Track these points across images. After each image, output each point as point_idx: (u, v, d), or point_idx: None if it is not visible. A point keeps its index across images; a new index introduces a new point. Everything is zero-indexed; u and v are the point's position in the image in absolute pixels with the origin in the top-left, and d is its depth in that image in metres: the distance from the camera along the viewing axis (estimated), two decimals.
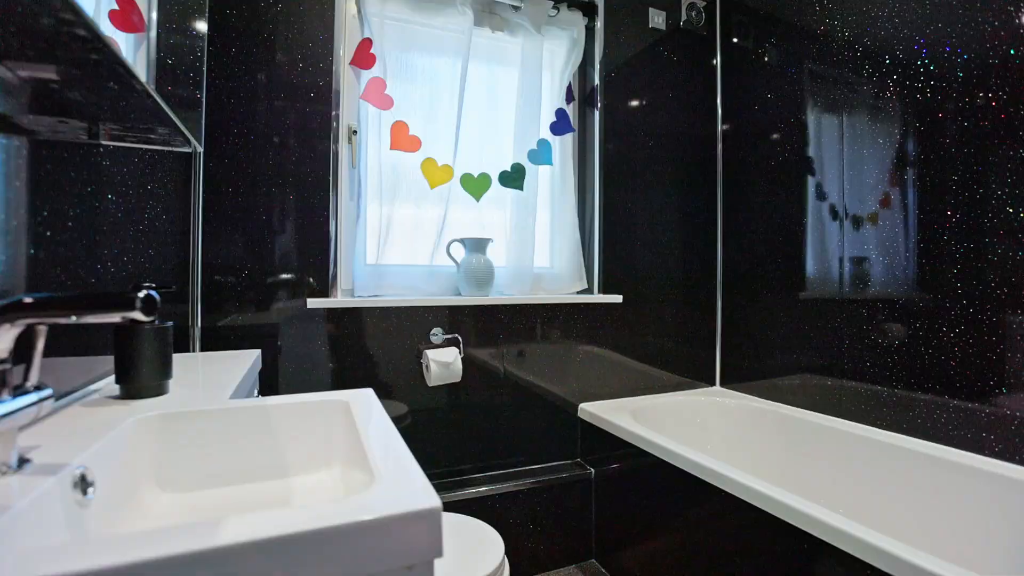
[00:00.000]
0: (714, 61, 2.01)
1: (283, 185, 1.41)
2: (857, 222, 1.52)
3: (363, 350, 1.50)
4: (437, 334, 1.56)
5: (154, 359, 0.66)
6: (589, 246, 1.83)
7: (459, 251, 1.64)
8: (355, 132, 1.54)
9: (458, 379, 1.51)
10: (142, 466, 0.56)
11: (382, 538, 0.33)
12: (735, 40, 1.95)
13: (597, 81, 1.81)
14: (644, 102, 1.87)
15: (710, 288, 2.00)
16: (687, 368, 1.95)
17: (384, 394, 1.53)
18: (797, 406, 1.69)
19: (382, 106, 1.53)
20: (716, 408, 1.83)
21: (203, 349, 1.35)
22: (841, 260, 1.57)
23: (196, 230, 1.33)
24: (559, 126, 1.76)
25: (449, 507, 1.49)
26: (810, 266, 1.66)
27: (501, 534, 1.55)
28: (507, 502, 1.56)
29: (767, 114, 1.81)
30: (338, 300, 1.43)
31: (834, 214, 1.60)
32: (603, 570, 1.63)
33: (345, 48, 1.53)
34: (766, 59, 1.81)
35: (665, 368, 1.91)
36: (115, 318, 0.39)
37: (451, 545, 1.06)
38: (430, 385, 1.50)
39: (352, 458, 0.57)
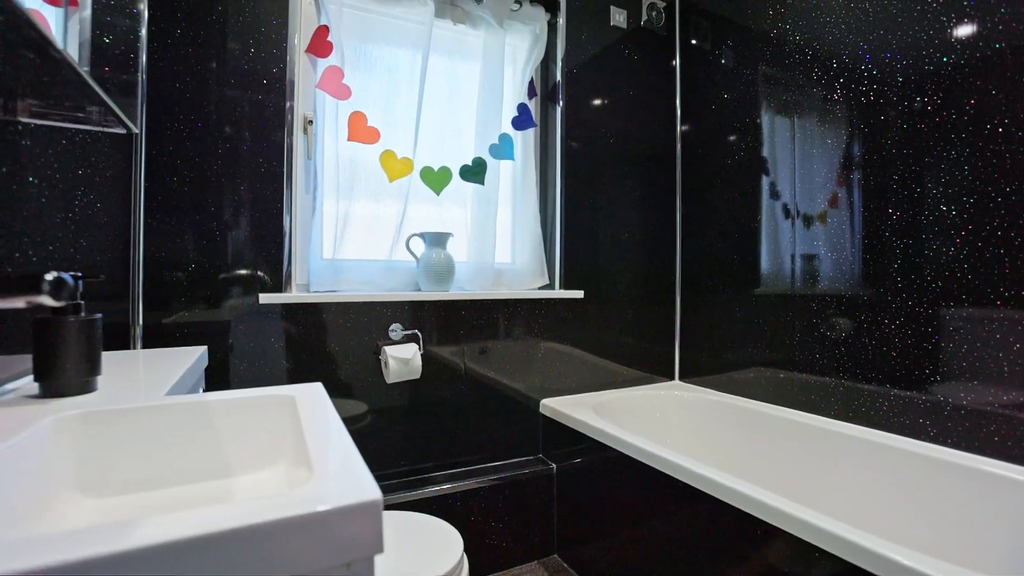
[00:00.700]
0: (673, 62, 2.05)
1: (234, 176, 1.35)
2: (808, 220, 1.58)
3: (320, 347, 1.45)
4: (396, 330, 1.52)
5: (78, 354, 0.61)
6: (551, 242, 1.84)
7: (419, 246, 1.61)
8: (311, 122, 1.49)
9: (418, 376, 1.49)
10: (61, 470, 0.51)
11: (315, 535, 0.31)
12: (693, 42, 1.99)
13: (559, 77, 1.81)
14: (606, 100, 1.89)
15: (669, 284, 2.04)
16: (647, 363, 1.98)
17: (343, 392, 1.48)
18: (752, 398, 1.74)
19: (339, 96, 1.49)
20: (675, 401, 1.86)
21: (147, 347, 1.27)
22: (793, 257, 1.63)
23: (137, 221, 1.25)
24: (521, 121, 1.76)
25: (409, 506, 1.46)
26: (764, 263, 1.72)
27: (462, 532, 1.53)
28: (468, 500, 1.54)
29: (724, 115, 1.86)
30: (292, 296, 1.38)
31: (786, 213, 1.65)
32: (565, 565, 1.63)
33: (301, 35, 1.47)
34: (723, 61, 1.86)
35: (626, 363, 1.93)
36: (19, 303, 0.35)
37: (409, 545, 1.03)
38: (389, 382, 1.47)
39: (299, 455, 0.55)
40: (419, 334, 1.56)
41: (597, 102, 1.87)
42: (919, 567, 0.75)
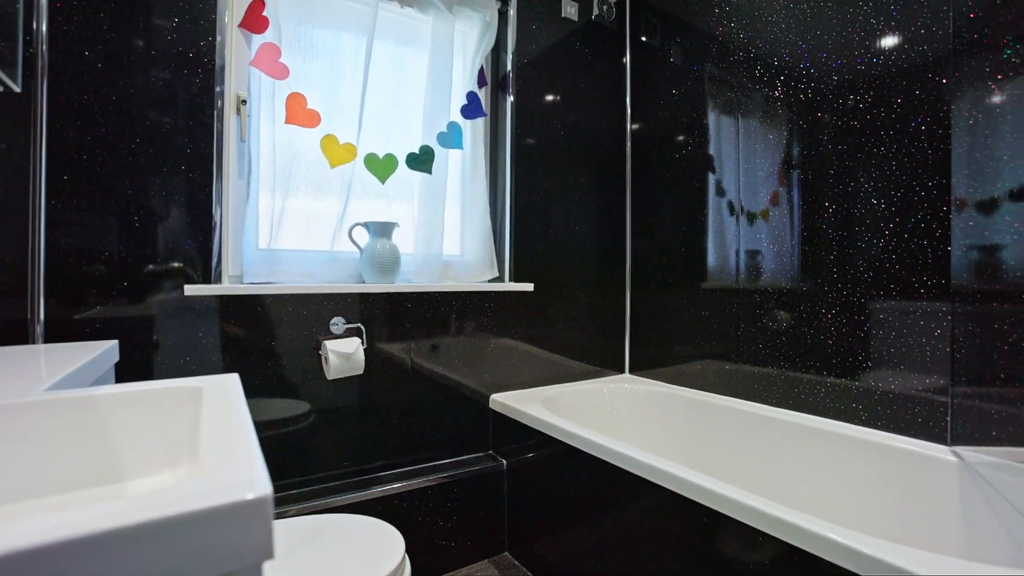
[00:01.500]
0: (624, 59, 2.07)
1: (157, 158, 1.24)
2: (751, 218, 1.62)
3: (257, 343, 1.36)
4: (338, 324, 1.45)
5: None
6: (500, 234, 1.80)
7: (362, 236, 1.54)
8: (244, 102, 1.39)
9: (360, 371, 1.42)
10: None
11: (185, 540, 0.26)
12: (643, 39, 2.01)
13: (510, 67, 1.78)
14: (558, 93, 1.87)
15: (619, 279, 2.05)
16: (597, 356, 1.99)
17: (283, 391, 1.39)
18: (700, 389, 1.77)
19: (276, 75, 1.40)
20: (625, 394, 1.87)
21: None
22: (737, 253, 1.66)
23: (37, 204, 1.12)
24: (470, 110, 1.71)
25: (353, 509, 1.39)
26: (711, 259, 1.75)
27: (409, 533, 1.47)
28: (415, 499, 1.49)
29: (673, 112, 1.88)
30: (222, 287, 1.28)
31: (731, 210, 1.69)
32: (516, 562, 1.60)
33: (233, 7, 1.37)
34: (672, 59, 1.88)
35: (576, 357, 1.93)
36: None
37: (347, 549, 0.97)
38: (329, 378, 1.39)
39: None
40: (362, 328, 1.49)
41: (548, 95, 1.86)
42: (852, 544, 0.76)
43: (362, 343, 1.47)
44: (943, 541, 1.11)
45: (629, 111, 2.06)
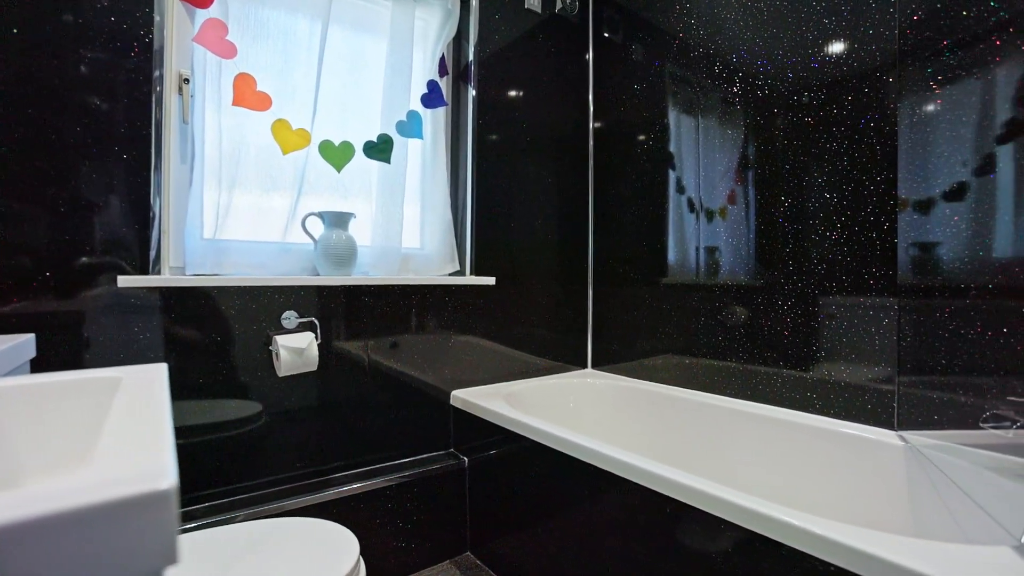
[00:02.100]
0: (587, 56, 2.06)
1: (87, 140, 1.14)
2: (710, 215, 1.64)
3: (202, 341, 1.27)
4: (290, 318, 1.37)
5: None
6: (461, 226, 1.77)
7: (317, 226, 1.47)
8: (186, 81, 1.30)
9: (314, 367, 1.35)
10: None
11: (53, 547, 0.22)
12: (606, 35, 2.02)
13: (472, 57, 1.75)
14: (521, 88, 1.85)
15: (582, 273, 2.05)
16: (560, 352, 1.98)
17: (232, 391, 1.31)
18: (662, 383, 1.78)
19: (222, 54, 1.31)
20: (588, 389, 1.87)
21: None
22: (697, 249, 1.68)
23: None
24: (431, 98, 1.67)
25: (307, 512, 1.33)
26: (671, 255, 1.77)
27: (367, 535, 1.42)
28: (374, 500, 1.43)
29: (635, 108, 1.89)
30: (160, 279, 1.19)
31: (691, 207, 1.71)
32: (479, 562, 1.57)
33: None
34: (633, 56, 1.89)
35: (538, 353, 1.91)
36: None
37: (298, 554, 0.92)
38: (281, 375, 1.32)
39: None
40: (316, 323, 1.42)
41: (511, 88, 1.83)
42: (809, 527, 0.77)
43: (316, 338, 1.41)
44: (892, 520, 1.15)
45: (592, 107, 2.06)
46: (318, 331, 1.42)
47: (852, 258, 1.28)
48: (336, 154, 1.49)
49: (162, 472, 0.25)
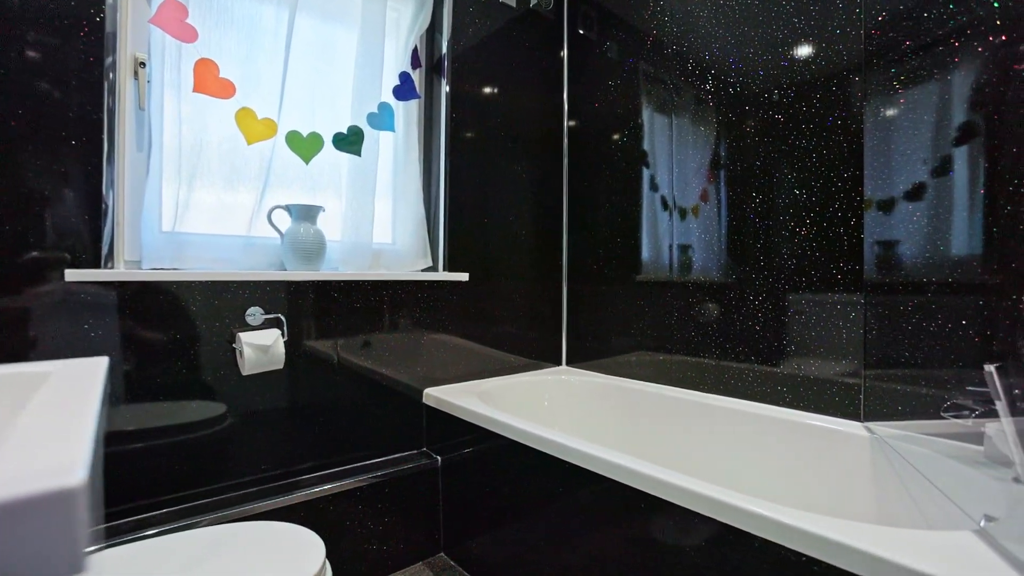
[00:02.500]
0: (562, 52, 2.06)
1: (32, 126, 1.07)
2: (683, 213, 1.65)
3: (161, 339, 1.21)
4: (255, 315, 1.32)
5: None
6: (434, 221, 1.74)
7: (284, 220, 1.43)
8: (143, 64, 1.24)
9: (280, 365, 1.30)
10: None
11: None
12: (581, 31, 2.01)
13: (445, 50, 1.72)
14: (496, 83, 1.83)
15: (556, 270, 2.04)
16: (534, 349, 1.96)
17: (194, 392, 1.25)
18: (636, 379, 1.79)
19: (182, 37, 1.25)
20: (562, 386, 1.86)
21: None
22: (671, 247, 1.69)
23: None
24: (403, 91, 1.63)
25: (273, 515, 1.28)
26: (645, 252, 1.77)
27: (336, 538, 1.38)
28: (343, 502, 1.39)
29: (609, 106, 1.89)
30: (112, 273, 1.13)
31: (664, 205, 1.71)
32: (452, 563, 1.54)
33: None
34: (608, 53, 1.89)
35: (512, 350, 1.89)
36: None
37: (260, 559, 0.88)
38: (244, 373, 1.27)
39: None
40: (283, 319, 1.37)
41: (486, 83, 1.81)
42: (777, 516, 0.77)
43: (283, 335, 1.36)
44: (859, 508, 1.17)
45: (566, 104, 2.06)
46: (285, 328, 1.37)
47: (821, 253, 1.31)
48: (304, 145, 1.44)
49: (69, 468, 0.22)
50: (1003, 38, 0.96)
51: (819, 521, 0.75)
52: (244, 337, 1.25)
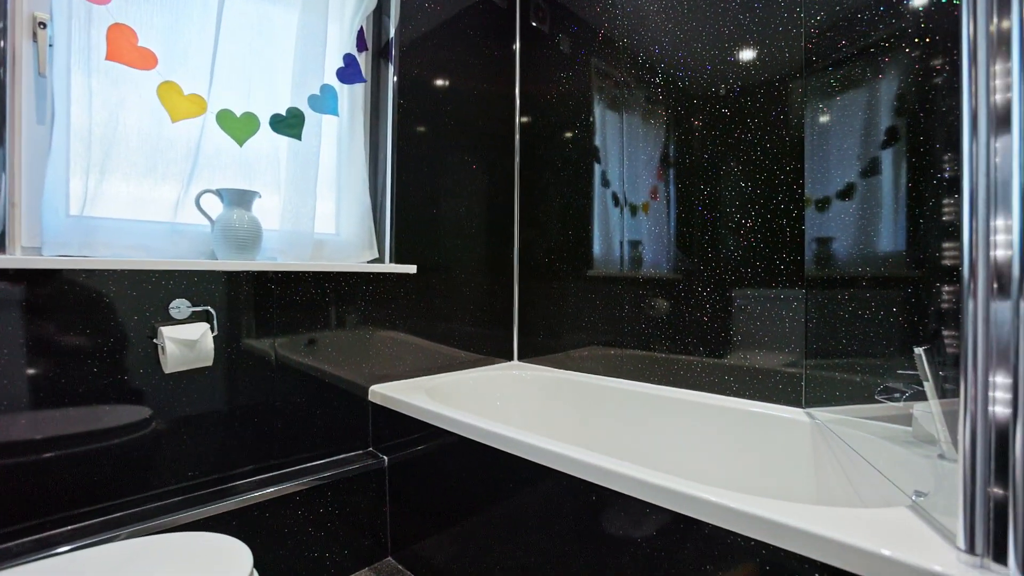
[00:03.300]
0: (514, 46, 2.03)
1: None
2: (633, 209, 1.66)
3: (71, 337, 1.08)
4: (180, 307, 1.21)
5: None
6: (380, 212, 1.66)
7: (214, 205, 1.32)
8: (43, 25, 1.11)
9: (209, 362, 1.20)
10: None
11: None
12: (534, 24, 1.99)
13: (393, 33, 1.65)
14: (447, 71, 1.78)
15: (507, 266, 2.01)
16: (485, 344, 1.93)
17: (111, 396, 1.13)
18: (589, 373, 1.78)
19: None
20: (514, 380, 1.83)
21: None
22: (622, 243, 1.70)
23: None
24: (348, 73, 1.55)
25: (203, 525, 1.17)
26: (596, 248, 1.77)
27: (274, 546, 1.28)
28: (282, 508, 1.30)
29: (562, 100, 1.88)
30: (7, 259, 0.99)
31: (616, 201, 1.72)
32: (401, 567, 1.48)
33: None
34: (560, 46, 1.88)
35: (462, 346, 1.85)
36: None
37: (175, 573, 0.79)
38: (167, 371, 1.16)
39: None
40: (212, 312, 1.26)
41: (436, 69, 1.75)
42: (725, 502, 0.77)
43: (212, 329, 1.25)
44: (800, 490, 1.21)
45: (518, 98, 2.03)
46: (215, 322, 1.27)
47: (765, 245, 1.34)
48: (237, 126, 1.34)
49: None
50: (921, 50, 1.02)
51: (766, 505, 0.76)
52: (167, 332, 1.14)
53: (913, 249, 1.08)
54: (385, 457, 1.51)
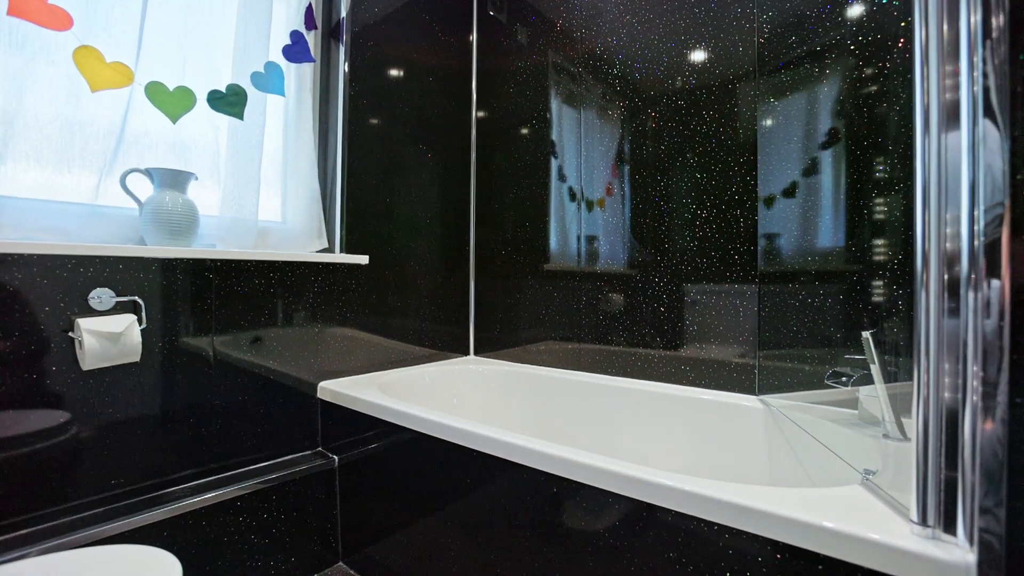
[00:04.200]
0: (471, 36, 1.99)
1: None
2: (590, 204, 1.66)
3: None
4: (101, 297, 1.09)
5: None
6: (331, 199, 1.58)
7: (143, 186, 1.20)
8: None
9: (136, 358, 1.09)
10: None
11: None
12: (491, 13, 1.96)
13: (344, 12, 1.57)
14: (402, 58, 1.71)
15: (464, 259, 1.97)
16: (440, 339, 1.87)
17: (22, 400, 1.00)
18: (545, 366, 1.76)
19: None
20: (470, 375, 1.79)
21: None
22: (579, 237, 1.69)
23: None
24: (295, 52, 1.46)
25: (131, 537, 1.06)
26: (553, 242, 1.76)
27: (213, 556, 1.18)
28: (221, 514, 1.20)
29: (519, 91, 1.85)
30: None
31: (572, 195, 1.71)
32: (353, 572, 1.41)
33: None
34: (518, 37, 1.86)
35: (416, 340, 1.79)
36: None
37: None
38: (85, 368, 1.04)
39: None
40: (140, 303, 1.15)
41: (390, 54, 1.68)
42: (684, 487, 0.76)
43: (140, 322, 1.14)
44: (755, 473, 1.23)
45: (475, 89, 1.99)
46: (143, 313, 1.15)
47: (720, 236, 1.36)
48: (170, 101, 1.23)
49: None
50: (858, 57, 1.06)
51: (725, 488, 0.75)
52: (84, 324, 1.03)
53: (854, 243, 1.12)
54: (335, 457, 1.43)
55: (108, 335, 1.04)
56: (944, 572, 0.58)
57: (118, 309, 1.12)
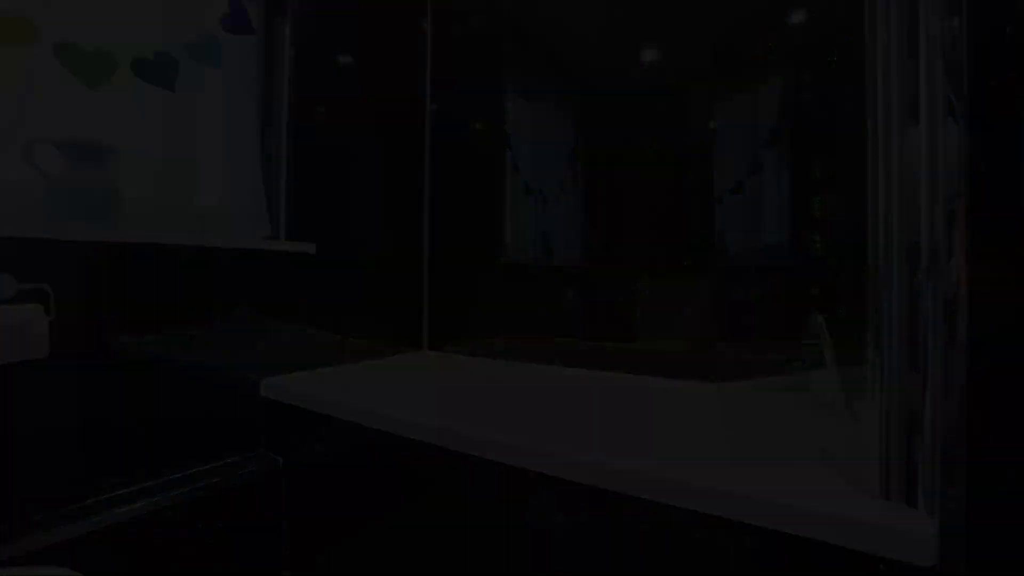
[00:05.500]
0: (425, 24, 1.93)
1: None
2: (545, 199, 1.64)
3: None
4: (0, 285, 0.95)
5: None
6: (275, 182, 1.47)
7: (52, 159, 1.07)
8: None
9: (43, 354, 0.96)
10: None
11: None
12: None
13: None
14: (353, 46, 1.63)
15: (417, 251, 1.90)
16: (393, 333, 1.80)
17: None
18: (501, 359, 1.73)
19: None
20: (424, 369, 1.73)
21: None
22: (534, 231, 1.67)
23: None
24: (235, 21, 1.35)
25: (38, 559, 0.93)
26: (508, 236, 1.73)
27: (140, 574, 1.06)
28: (146, 529, 1.08)
29: (474, 81, 1.81)
30: None
31: (527, 189, 1.69)
32: None
33: None
34: (473, 28, 1.81)
35: (369, 335, 1.71)
36: None
37: None
38: None
39: None
40: (49, 291, 1.02)
41: (339, 35, 1.60)
42: (651, 473, 0.75)
43: (48, 312, 1.01)
44: (715, 457, 1.25)
45: (429, 79, 1.92)
46: (52, 303, 1.02)
47: (676, 228, 1.37)
48: (87, 64, 1.10)
49: None
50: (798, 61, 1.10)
51: (693, 472, 0.75)
52: None
53: (794, 241, 1.15)
54: (280, 458, 1.33)
55: (6, 328, 0.90)
56: (909, 543, 0.59)
57: (21, 298, 0.98)
